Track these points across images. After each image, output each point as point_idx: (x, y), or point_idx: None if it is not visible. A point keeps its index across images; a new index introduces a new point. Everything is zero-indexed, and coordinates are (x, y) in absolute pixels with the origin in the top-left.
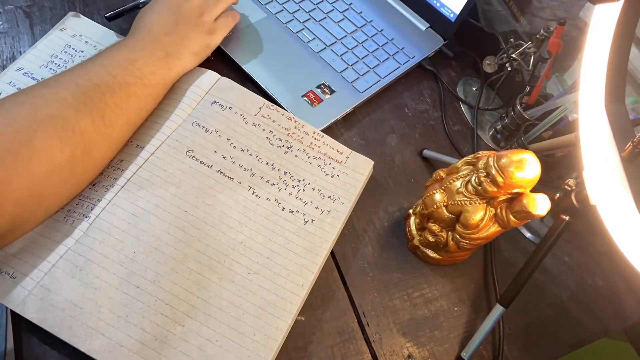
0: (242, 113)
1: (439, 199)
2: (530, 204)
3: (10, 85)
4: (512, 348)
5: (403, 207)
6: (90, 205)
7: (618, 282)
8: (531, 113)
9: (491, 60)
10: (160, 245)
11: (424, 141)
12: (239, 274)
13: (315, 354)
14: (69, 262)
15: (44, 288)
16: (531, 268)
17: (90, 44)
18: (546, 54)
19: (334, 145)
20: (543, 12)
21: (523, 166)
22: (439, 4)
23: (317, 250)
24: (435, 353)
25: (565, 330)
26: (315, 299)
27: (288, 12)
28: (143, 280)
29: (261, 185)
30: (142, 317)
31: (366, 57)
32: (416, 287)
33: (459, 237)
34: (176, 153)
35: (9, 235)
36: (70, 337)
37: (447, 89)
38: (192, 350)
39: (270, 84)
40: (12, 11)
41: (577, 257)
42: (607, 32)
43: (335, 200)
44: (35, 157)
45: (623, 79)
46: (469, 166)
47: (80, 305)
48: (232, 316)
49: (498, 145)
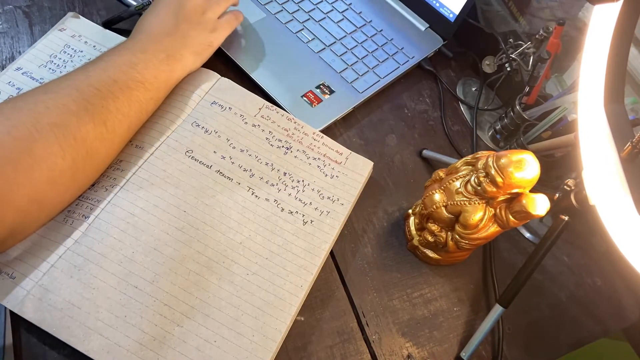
0: (242, 114)
1: (438, 199)
2: (529, 204)
3: (10, 84)
4: (512, 348)
5: (402, 207)
6: (89, 206)
7: (617, 282)
8: (530, 113)
9: (490, 61)
10: (159, 245)
11: (424, 141)
12: (238, 274)
13: (314, 354)
14: (67, 262)
15: (42, 288)
16: (530, 268)
17: (90, 44)
18: (545, 54)
19: (333, 146)
20: (542, 12)
21: (522, 166)
22: (439, 4)
23: (316, 251)
24: (434, 353)
25: (565, 330)
26: (314, 299)
27: (287, 12)
28: (142, 281)
29: (260, 185)
30: (141, 317)
31: (365, 57)
32: (415, 287)
33: (458, 237)
34: (175, 153)
35: (9, 240)
36: (68, 337)
37: (447, 89)
38: (190, 351)
39: (269, 84)
40: (12, 11)
41: (576, 257)
42: (606, 32)
43: (335, 201)
44: (36, 166)
45: (622, 79)
46: (468, 166)
47: (79, 306)
48: (231, 317)
49: (497, 145)
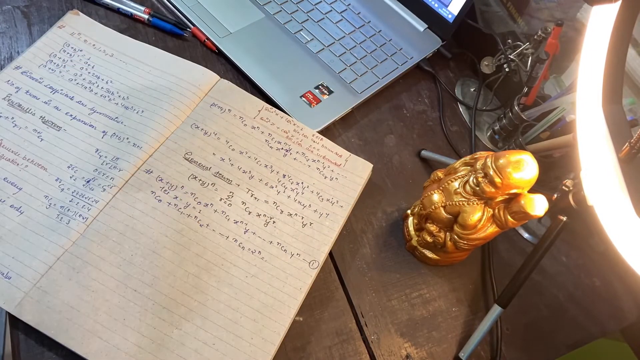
0: (241, 115)
1: (437, 199)
2: (527, 204)
3: (9, 84)
4: (510, 348)
5: (401, 207)
6: (86, 205)
7: (615, 283)
8: (529, 114)
9: (489, 61)
10: (157, 248)
11: (422, 142)
12: (237, 277)
13: (313, 355)
14: (66, 264)
15: (40, 290)
16: (529, 268)
17: (90, 42)
18: (544, 55)
19: (332, 148)
20: (540, 13)
21: (521, 167)
22: (437, 5)
23: (315, 253)
24: (433, 353)
25: (563, 330)
26: (313, 299)
27: (286, 13)
28: (140, 283)
29: (260, 187)
30: (139, 320)
31: (364, 57)
32: (414, 288)
33: (457, 237)
34: (174, 155)
35: None
36: (67, 340)
37: (445, 89)
38: (189, 354)
39: (268, 84)
40: (10, 11)
41: (574, 257)
42: (604, 33)
43: (334, 204)
44: None
45: (620, 80)
46: (466, 167)
47: (77, 308)
48: (230, 319)
49: (496, 146)
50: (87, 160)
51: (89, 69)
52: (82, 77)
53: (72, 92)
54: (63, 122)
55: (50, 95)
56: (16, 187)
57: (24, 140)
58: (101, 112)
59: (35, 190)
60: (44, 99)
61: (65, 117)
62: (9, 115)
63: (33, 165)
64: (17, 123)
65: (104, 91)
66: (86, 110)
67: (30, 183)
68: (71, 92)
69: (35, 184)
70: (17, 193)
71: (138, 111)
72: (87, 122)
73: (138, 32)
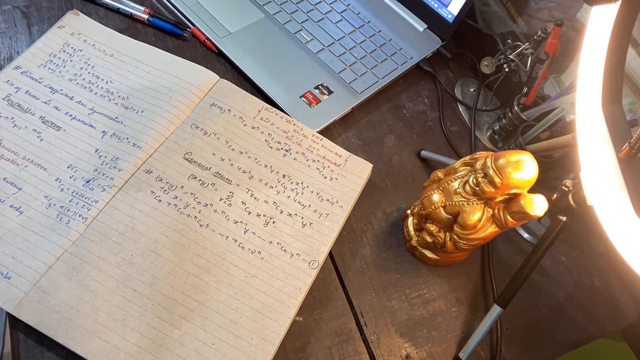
0: (241, 116)
1: (436, 199)
2: (527, 204)
3: (9, 84)
4: (510, 348)
5: (401, 207)
6: (86, 206)
7: (615, 283)
8: (529, 114)
9: (489, 61)
10: (157, 248)
11: (422, 142)
12: (237, 277)
13: (313, 355)
14: (65, 264)
15: (40, 290)
16: (528, 268)
17: (89, 42)
18: (543, 55)
19: (332, 148)
20: (540, 13)
21: (520, 167)
22: (437, 5)
23: (315, 253)
24: (432, 353)
25: (563, 330)
26: (313, 299)
27: (286, 13)
28: (140, 283)
29: (259, 187)
30: (139, 320)
31: (364, 57)
32: (414, 288)
33: (456, 237)
34: (174, 155)
35: None
36: (66, 340)
37: (445, 89)
38: (189, 354)
39: (268, 84)
40: (10, 11)
41: (574, 257)
42: (604, 33)
43: (334, 204)
44: None
45: (620, 80)
46: (466, 167)
47: (77, 308)
48: (230, 319)
49: (496, 146)
50: (87, 160)
51: (88, 69)
52: (82, 77)
53: (72, 92)
54: (63, 122)
55: (50, 95)
56: (16, 187)
57: (23, 140)
58: (101, 112)
59: (35, 190)
60: (44, 99)
61: (65, 117)
62: (8, 115)
63: (33, 165)
64: (16, 123)
65: (103, 91)
66: (86, 110)
67: (30, 183)
68: (71, 92)
69: (35, 184)
70: (16, 193)
71: (138, 111)
72: (87, 122)
73: (138, 32)
